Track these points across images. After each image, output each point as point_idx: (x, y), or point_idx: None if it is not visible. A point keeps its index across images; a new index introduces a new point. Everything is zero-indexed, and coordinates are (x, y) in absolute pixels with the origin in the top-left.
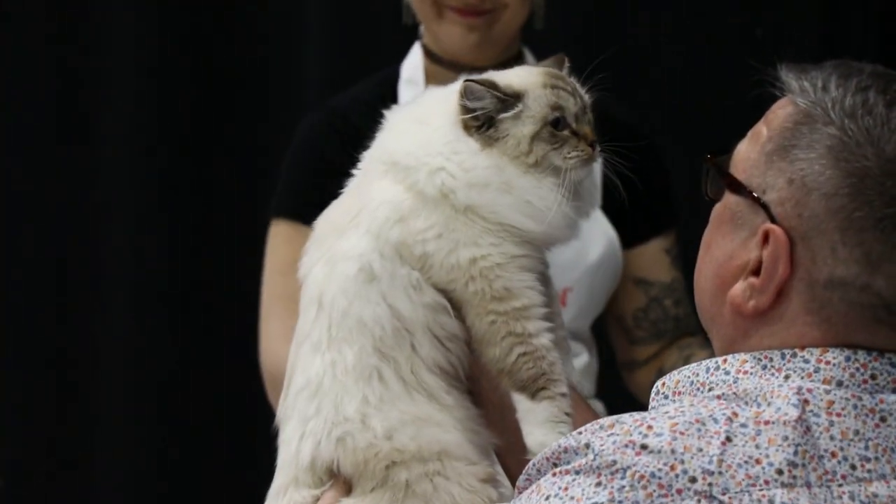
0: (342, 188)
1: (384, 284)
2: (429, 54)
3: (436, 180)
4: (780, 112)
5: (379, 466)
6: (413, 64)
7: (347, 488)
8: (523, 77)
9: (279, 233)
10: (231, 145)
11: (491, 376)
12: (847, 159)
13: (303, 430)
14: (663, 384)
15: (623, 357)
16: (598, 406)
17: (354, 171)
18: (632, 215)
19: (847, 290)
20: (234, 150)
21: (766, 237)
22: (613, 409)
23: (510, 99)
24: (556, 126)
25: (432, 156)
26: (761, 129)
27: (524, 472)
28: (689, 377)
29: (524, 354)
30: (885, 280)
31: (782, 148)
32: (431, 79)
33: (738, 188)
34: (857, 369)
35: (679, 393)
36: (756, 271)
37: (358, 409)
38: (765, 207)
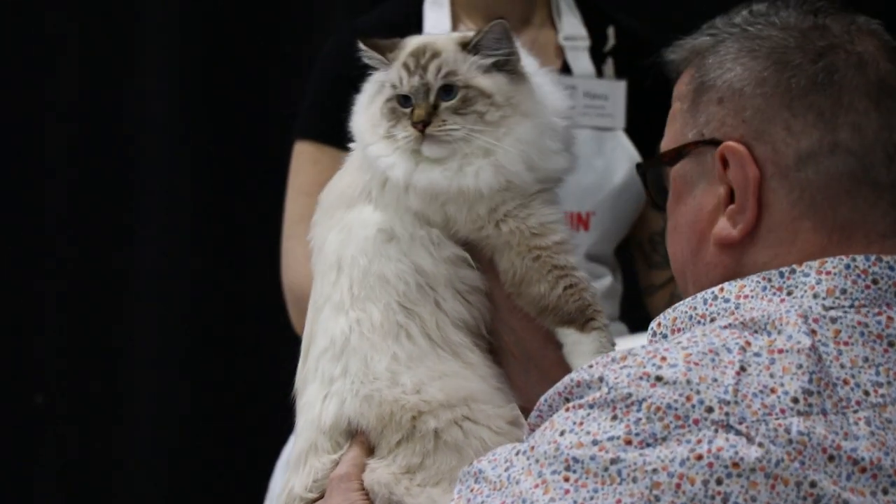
0: None
1: (404, 244)
2: None
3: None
4: (680, 82)
5: (406, 417)
6: None
7: (368, 449)
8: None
9: (303, 153)
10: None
11: (515, 327)
12: (758, 47)
13: (327, 391)
14: (659, 324)
15: (643, 281)
16: (622, 328)
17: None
18: (655, 137)
19: (818, 159)
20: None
21: (724, 161)
22: (637, 331)
23: (384, 64)
24: (400, 103)
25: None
26: (674, 106)
27: (535, 408)
28: (686, 312)
29: (570, 287)
30: (847, 131)
31: (697, 91)
32: (457, 2)
33: (678, 152)
34: (859, 276)
35: (678, 330)
36: (730, 201)
37: (388, 367)
38: (711, 141)
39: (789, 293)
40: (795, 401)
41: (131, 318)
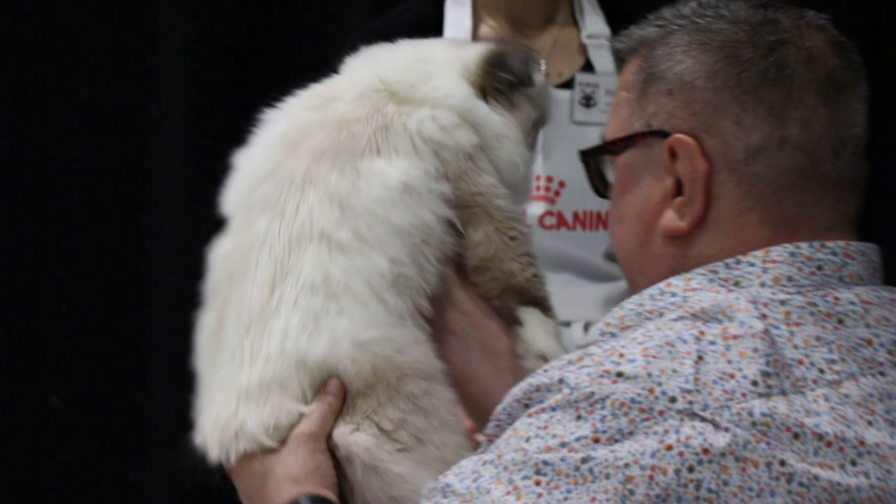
0: None
1: (422, 196)
2: None
3: (477, 108)
4: (626, 71)
5: (394, 375)
6: None
7: (336, 409)
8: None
9: None
10: None
11: (462, 302)
12: (708, 40)
13: (313, 326)
14: (607, 324)
15: None
16: None
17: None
18: None
19: (767, 154)
20: None
21: (672, 153)
22: None
23: (528, 80)
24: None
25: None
26: (619, 95)
27: (493, 418)
28: (633, 309)
29: (537, 276)
30: (796, 126)
31: (645, 81)
32: (479, 1)
33: (625, 141)
34: (804, 263)
35: (627, 328)
36: (677, 193)
37: (385, 320)
38: (659, 132)
39: (736, 284)
40: (755, 384)
41: (151, 319)
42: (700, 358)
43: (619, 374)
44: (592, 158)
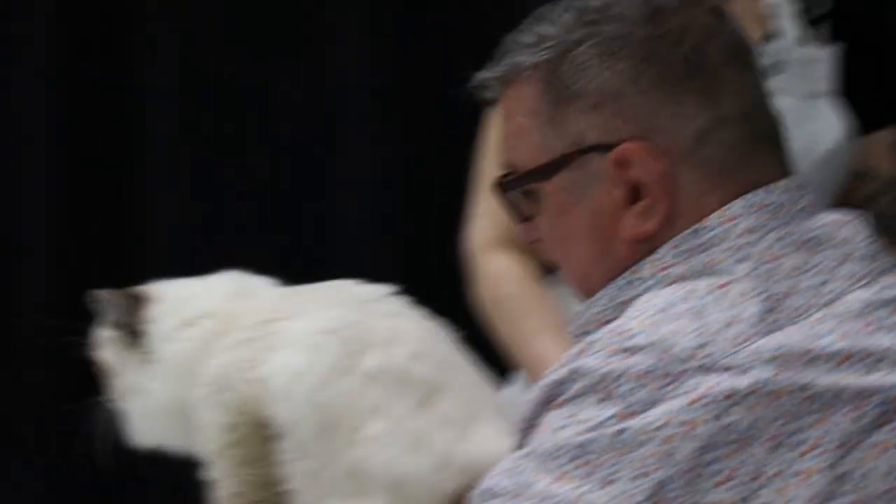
0: None
1: None
2: None
3: None
4: (517, 99)
5: None
6: None
7: None
8: None
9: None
10: None
11: None
12: (618, 48)
13: None
14: (579, 326)
15: None
16: None
17: None
18: (871, 104)
19: (711, 135)
20: None
21: (619, 163)
22: None
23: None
24: None
25: None
26: (515, 122)
27: (518, 428)
28: (607, 304)
29: None
30: (728, 101)
31: (557, 103)
32: None
33: (557, 164)
34: (761, 209)
35: (606, 322)
36: (633, 199)
37: None
38: (596, 147)
39: (709, 248)
40: (759, 323)
41: None
42: (699, 313)
43: (628, 349)
44: (510, 190)
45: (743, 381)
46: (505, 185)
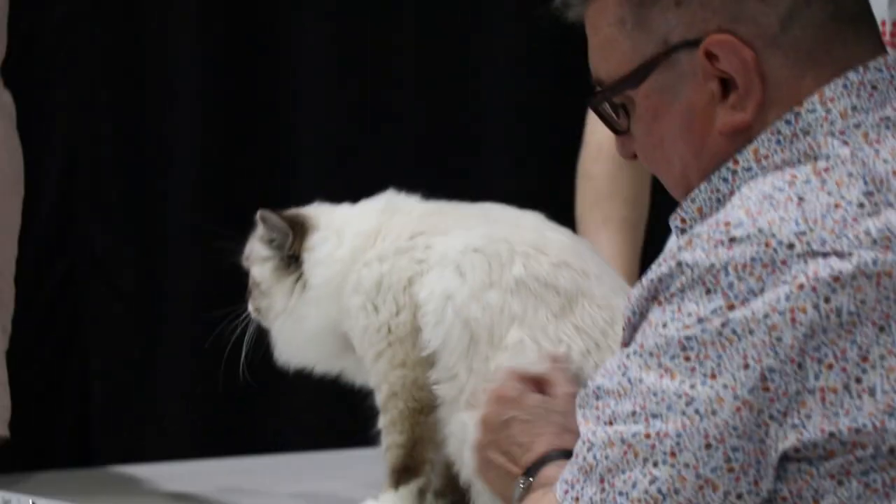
0: None
1: None
2: None
3: None
4: (600, 10)
5: None
6: None
7: None
8: None
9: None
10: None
11: None
12: None
13: None
14: (682, 220)
15: None
16: None
17: None
18: None
19: (798, 16)
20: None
21: (709, 56)
22: None
23: None
24: None
25: None
26: (603, 34)
27: (624, 323)
28: (709, 197)
29: None
30: None
31: (640, 6)
32: None
33: (643, 70)
34: (859, 88)
35: (707, 216)
36: (725, 92)
37: None
38: (684, 44)
39: (806, 133)
40: (861, 205)
41: None
42: (801, 199)
43: (732, 240)
44: (604, 102)
45: (847, 265)
46: (598, 99)
